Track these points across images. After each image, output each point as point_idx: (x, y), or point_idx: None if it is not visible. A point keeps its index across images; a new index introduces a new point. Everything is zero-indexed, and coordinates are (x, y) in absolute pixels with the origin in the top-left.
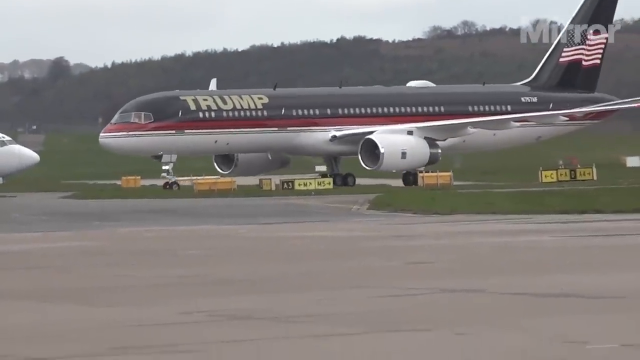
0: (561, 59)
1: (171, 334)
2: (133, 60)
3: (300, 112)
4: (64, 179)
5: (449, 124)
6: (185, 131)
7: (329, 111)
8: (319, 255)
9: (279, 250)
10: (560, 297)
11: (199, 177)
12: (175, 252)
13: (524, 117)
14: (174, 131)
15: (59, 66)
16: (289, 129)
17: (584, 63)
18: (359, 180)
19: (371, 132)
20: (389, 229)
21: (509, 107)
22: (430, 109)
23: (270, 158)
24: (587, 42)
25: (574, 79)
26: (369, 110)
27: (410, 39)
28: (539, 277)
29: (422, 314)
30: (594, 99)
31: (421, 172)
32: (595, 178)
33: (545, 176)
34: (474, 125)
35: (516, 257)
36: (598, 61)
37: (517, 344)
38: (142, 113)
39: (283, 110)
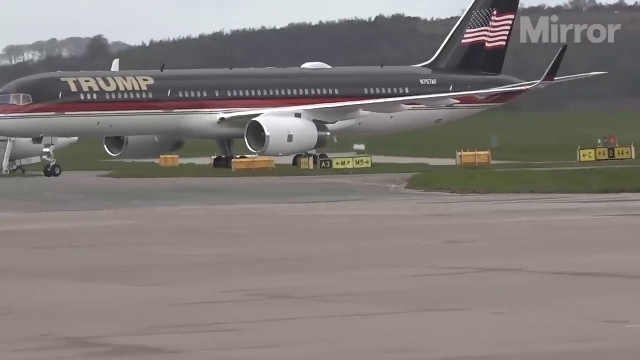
0: (463, 41)
1: (211, 312)
2: (171, 39)
3: (187, 94)
4: (101, 157)
5: (337, 107)
6: (66, 113)
7: (217, 93)
8: (357, 235)
9: (317, 229)
10: (599, 277)
11: (237, 156)
12: (214, 231)
13: (414, 99)
14: (54, 113)
15: (97, 44)
16: (175, 111)
17: (487, 45)
18: None
19: (259, 115)
20: (426, 208)
21: (406, 90)
22: (324, 91)
23: (157, 141)
24: (491, 23)
25: (477, 61)
26: (259, 93)
27: (449, 17)
28: (579, 256)
29: (459, 294)
30: (496, 82)
31: (309, 156)
32: (633, 157)
33: (584, 155)
34: (365, 107)
35: (555, 236)
36: (503, 43)
37: (555, 324)
38: (21, 95)
39: (169, 92)
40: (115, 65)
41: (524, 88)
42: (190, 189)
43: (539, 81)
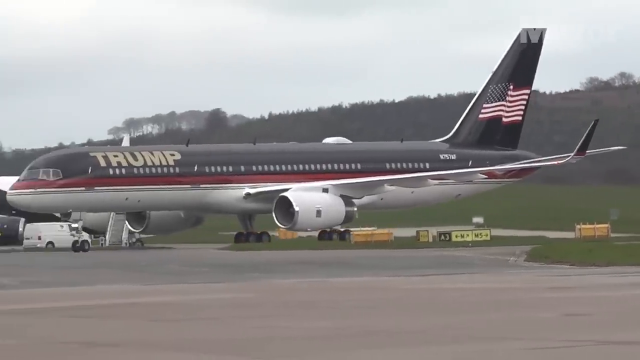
0: (481, 116)
1: None
2: (290, 112)
3: (213, 169)
4: (220, 230)
5: (365, 182)
6: (95, 188)
7: (242, 168)
8: (475, 307)
9: (435, 301)
10: None
11: (355, 229)
12: (331, 303)
13: (442, 175)
14: (83, 188)
15: (216, 117)
16: (201, 186)
17: (504, 120)
18: None
19: (286, 190)
20: (545, 280)
21: (427, 165)
22: (347, 166)
23: (183, 216)
24: (508, 98)
25: (494, 135)
26: (283, 168)
27: (567, 90)
28: None
29: None
30: (513, 157)
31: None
32: None
33: None
34: (391, 182)
35: None
36: (520, 117)
37: None
38: (51, 169)
39: (195, 167)
40: (126, 140)
41: (539, 165)
42: (309, 262)
43: (571, 155)
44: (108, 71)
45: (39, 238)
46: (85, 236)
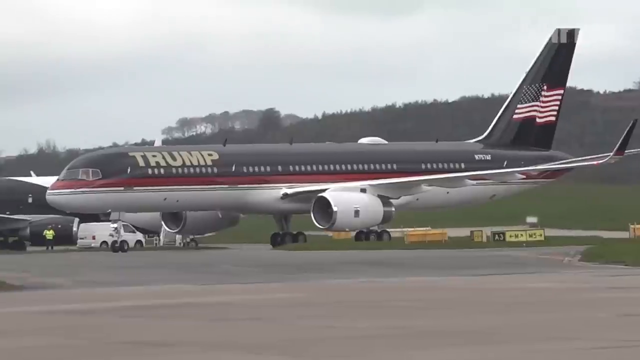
0: (515, 116)
1: None
2: (343, 111)
3: (250, 169)
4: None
5: (403, 182)
6: (134, 188)
7: (280, 168)
8: (529, 308)
9: (489, 301)
10: None
11: (409, 229)
12: (384, 303)
13: (481, 174)
14: (122, 188)
15: (269, 117)
16: (239, 186)
17: (538, 120)
18: None
19: (324, 190)
20: (600, 280)
21: (462, 165)
22: (383, 166)
23: (220, 216)
24: (541, 98)
25: (528, 136)
26: (320, 168)
27: (622, 89)
28: None
29: None
30: (547, 157)
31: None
32: None
33: None
34: (429, 182)
35: None
36: (553, 118)
37: None
38: (90, 169)
39: (233, 167)
40: (158, 141)
41: (575, 165)
42: (362, 262)
43: (610, 155)
44: (162, 72)
45: (93, 238)
46: (140, 236)
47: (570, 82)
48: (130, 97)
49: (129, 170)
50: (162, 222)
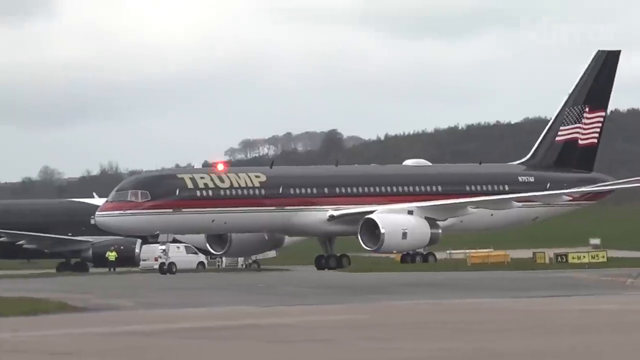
0: (557, 138)
1: None
2: (406, 133)
3: (297, 190)
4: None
5: (450, 204)
6: (183, 210)
7: (326, 190)
8: (589, 329)
9: (550, 323)
10: None
11: (472, 250)
12: (446, 325)
13: (528, 196)
14: (171, 210)
15: (332, 138)
16: (286, 208)
17: (580, 142)
18: None
19: (370, 212)
20: None
21: (506, 187)
22: (428, 188)
23: (266, 238)
24: (584, 120)
25: (571, 158)
26: (366, 190)
27: None
28: None
29: None
30: (590, 179)
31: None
32: None
33: None
34: (476, 204)
35: None
36: (595, 140)
37: None
38: (139, 191)
39: (281, 189)
40: (198, 166)
41: (617, 187)
42: (425, 284)
43: None
44: (225, 93)
45: (156, 260)
46: (202, 257)
47: (634, 104)
48: (193, 119)
49: (177, 192)
50: (207, 245)
